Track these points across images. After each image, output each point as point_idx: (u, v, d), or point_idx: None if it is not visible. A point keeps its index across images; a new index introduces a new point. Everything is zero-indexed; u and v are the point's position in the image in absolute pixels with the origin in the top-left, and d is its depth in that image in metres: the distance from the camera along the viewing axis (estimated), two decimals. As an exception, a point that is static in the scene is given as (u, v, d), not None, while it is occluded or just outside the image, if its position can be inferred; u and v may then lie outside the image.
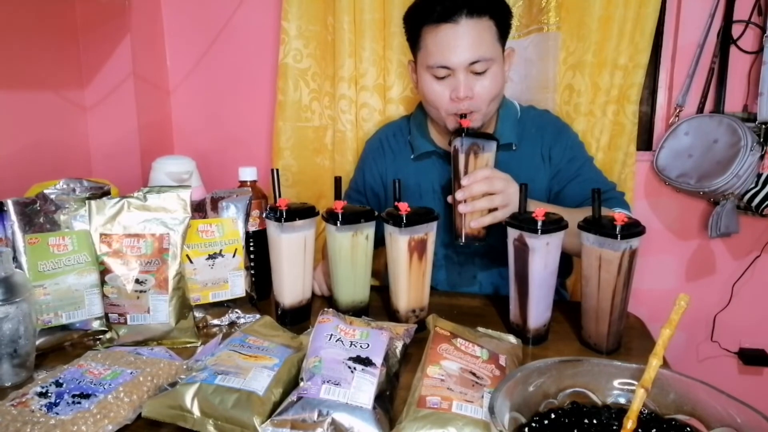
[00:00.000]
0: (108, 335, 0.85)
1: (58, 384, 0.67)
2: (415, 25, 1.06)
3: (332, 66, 1.45)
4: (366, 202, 1.25)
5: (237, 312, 0.95)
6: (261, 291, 1.04)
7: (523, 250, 0.82)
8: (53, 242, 0.83)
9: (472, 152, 0.97)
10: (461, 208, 0.95)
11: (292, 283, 0.93)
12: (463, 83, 1.01)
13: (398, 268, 0.88)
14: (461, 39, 1.00)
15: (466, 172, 0.97)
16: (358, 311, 0.94)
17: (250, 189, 1.01)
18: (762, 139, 1.31)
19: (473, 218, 0.96)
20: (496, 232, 0.98)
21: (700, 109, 1.40)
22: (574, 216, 0.85)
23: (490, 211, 0.95)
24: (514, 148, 1.12)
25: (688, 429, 0.52)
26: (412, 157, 1.19)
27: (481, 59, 1.00)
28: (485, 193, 0.94)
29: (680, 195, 1.45)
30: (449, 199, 1.01)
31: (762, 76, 1.30)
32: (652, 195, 1.49)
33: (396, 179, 0.92)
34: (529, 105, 1.24)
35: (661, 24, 1.39)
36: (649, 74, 1.32)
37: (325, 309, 0.82)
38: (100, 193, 0.91)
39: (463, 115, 1.01)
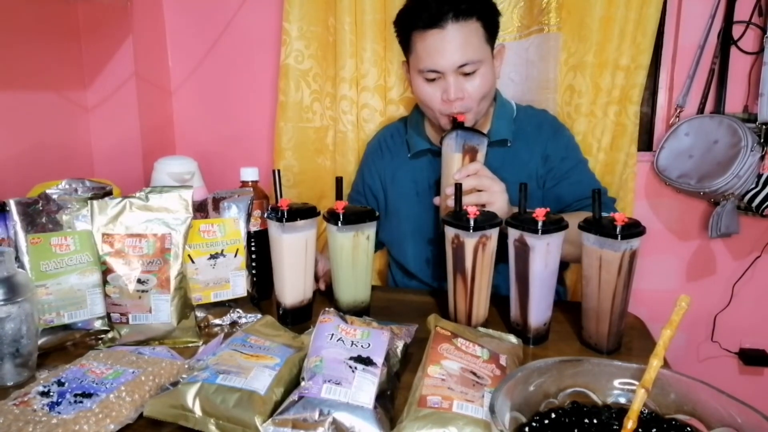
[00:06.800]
0: (110, 335, 0.86)
1: (60, 383, 0.67)
2: (404, 30, 1.07)
3: (333, 67, 1.45)
4: (366, 203, 1.27)
5: (238, 312, 0.95)
6: (262, 291, 1.05)
7: (523, 251, 0.83)
8: (55, 242, 0.84)
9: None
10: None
11: (293, 283, 0.93)
12: (453, 85, 1.02)
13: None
14: (449, 43, 1.00)
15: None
16: (359, 311, 0.94)
17: (251, 189, 1.01)
18: (762, 140, 1.31)
19: None
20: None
21: (701, 110, 1.40)
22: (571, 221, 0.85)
23: None
24: (508, 144, 1.14)
25: (689, 429, 0.52)
26: (409, 155, 1.20)
27: (470, 62, 1.01)
28: (474, 189, 0.96)
29: (681, 195, 1.45)
30: (435, 200, 1.06)
31: (762, 77, 1.30)
32: (653, 195, 1.49)
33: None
34: (528, 105, 1.25)
35: (662, 25, 1.39)
36: (649, 75, 1.32)
37: (326, 309, 0.82)
38: (102, 193, 0.91)
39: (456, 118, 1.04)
